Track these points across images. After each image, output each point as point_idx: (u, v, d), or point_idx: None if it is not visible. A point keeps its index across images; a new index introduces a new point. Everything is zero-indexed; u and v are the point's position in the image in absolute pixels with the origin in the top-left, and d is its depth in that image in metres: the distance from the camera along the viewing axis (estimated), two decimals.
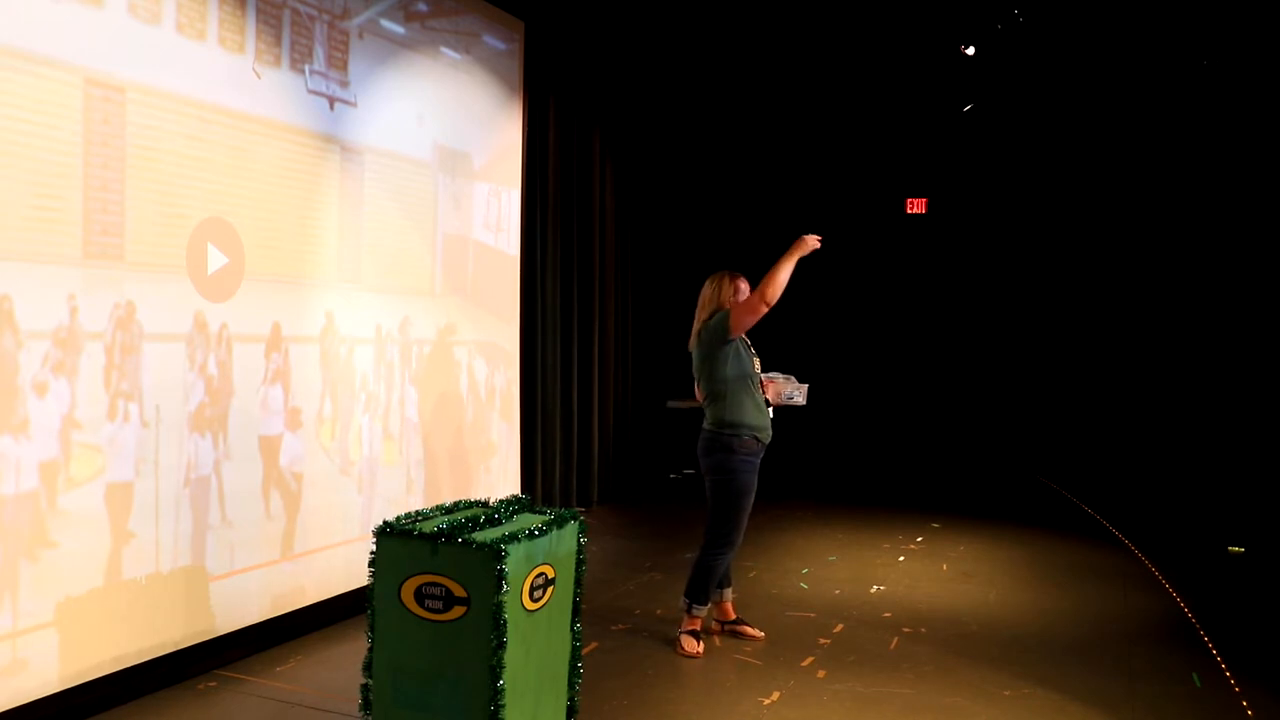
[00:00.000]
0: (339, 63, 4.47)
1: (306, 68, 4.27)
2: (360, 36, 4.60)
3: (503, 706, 2.64)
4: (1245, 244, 8.32)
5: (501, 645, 2.62)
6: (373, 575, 2.78)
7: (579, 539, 3.05)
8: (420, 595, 2.69)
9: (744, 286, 4.17)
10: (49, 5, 3.17)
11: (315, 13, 4.31)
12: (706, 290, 4.20)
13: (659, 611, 4.67)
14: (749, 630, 4.29)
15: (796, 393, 4.12)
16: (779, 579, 5.34)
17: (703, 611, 4.15)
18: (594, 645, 4.14)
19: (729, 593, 4.34)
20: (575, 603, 3.05)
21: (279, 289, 4.16)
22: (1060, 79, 8.37)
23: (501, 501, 3.03)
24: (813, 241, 4.06)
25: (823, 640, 4.32)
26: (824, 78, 8.77)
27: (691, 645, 4.08)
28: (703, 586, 4.12)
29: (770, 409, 4.14)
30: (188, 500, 3.70)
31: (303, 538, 4.29)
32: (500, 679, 2.62)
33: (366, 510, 4.67)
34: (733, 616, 4.34)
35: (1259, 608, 5.03)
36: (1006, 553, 6.09)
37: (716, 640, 4.24)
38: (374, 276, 4.76)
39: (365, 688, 2.79)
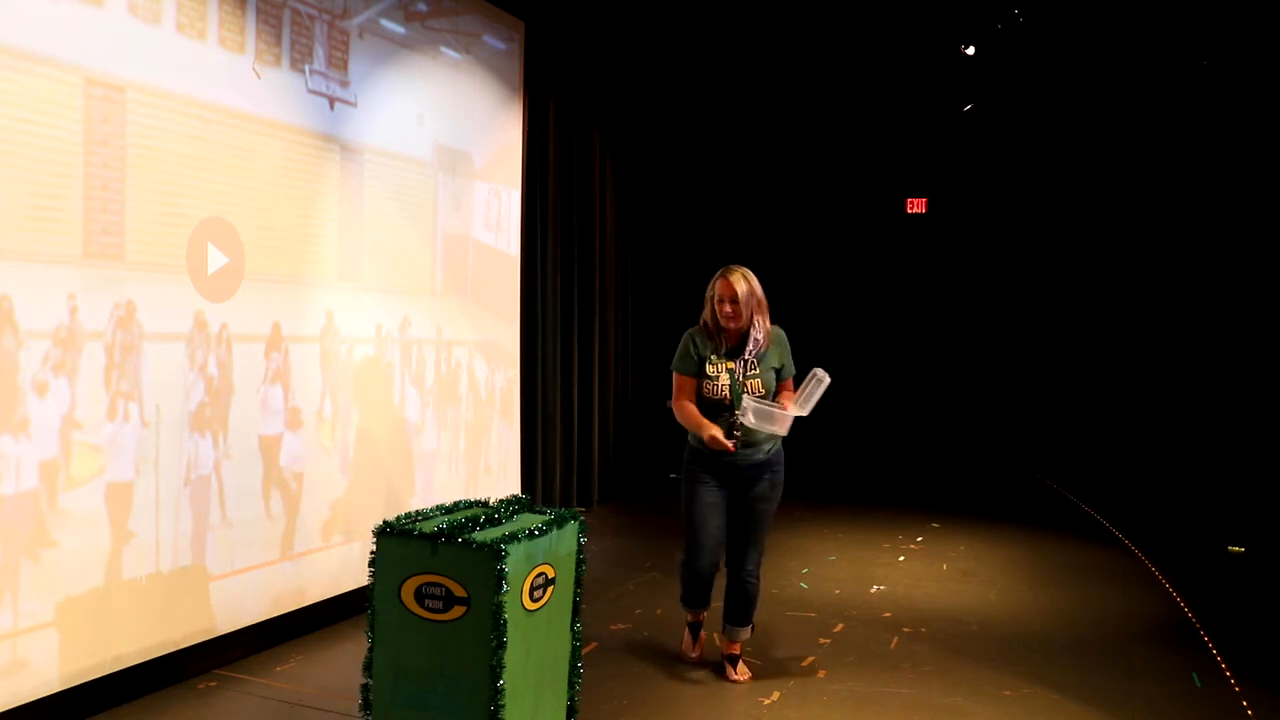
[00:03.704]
0: (339, 62, 4.47)
1: (306, 67, 4.27)
2: (360, 36, 4.60)
3: (503, 706, 2.64)
4: (1245, 244, 8.32)
5: (501, 645, 2.62)
6: (373, 575, 2.78)
7: (579, 539, 3.05)
8: (420, 595, 2.69)
9: (721, 292, 3.70)
10: (49, 5, 3.17)
11: (315, 12, 4.31)
12: None
13: (659, 611, 4.67)
14: (730, 671, 3.85)
15: (762, 416, 3.58)
16: (779, 579, 5.34)
17: (691, 613, 4.04)
18: (594, 645, 4.14)
19: (741, 631, 3.91)
20: (575, 603, 3.05)
21: (279, 289, 4.16)
22: (1060, 79, 8.37)
23: (501, 501, 3.03)
24: (716, 442, 3.61)
25: (823, 640, 4.32)
26: (824, 77, 8.78)
27: (686, 643, 4.08)
28: (683, 588, 3.98)
29: (735, 424, 3.64)
30: (188, 500, 3.70)
31: (303, 538, 4.29)
32: (500, 679, 2.62)
33: (366, 510, 4.67)
34: (735, 652, 3.92)
35: (1259, 608, 5.03)
36: (1006, 553, 6.09)
37: (716, 639, 4.23)
38: (374, 276, 4.76)
39: (365, 688, 2.79)
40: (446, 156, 5.30)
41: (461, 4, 5.39)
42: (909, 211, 9.68)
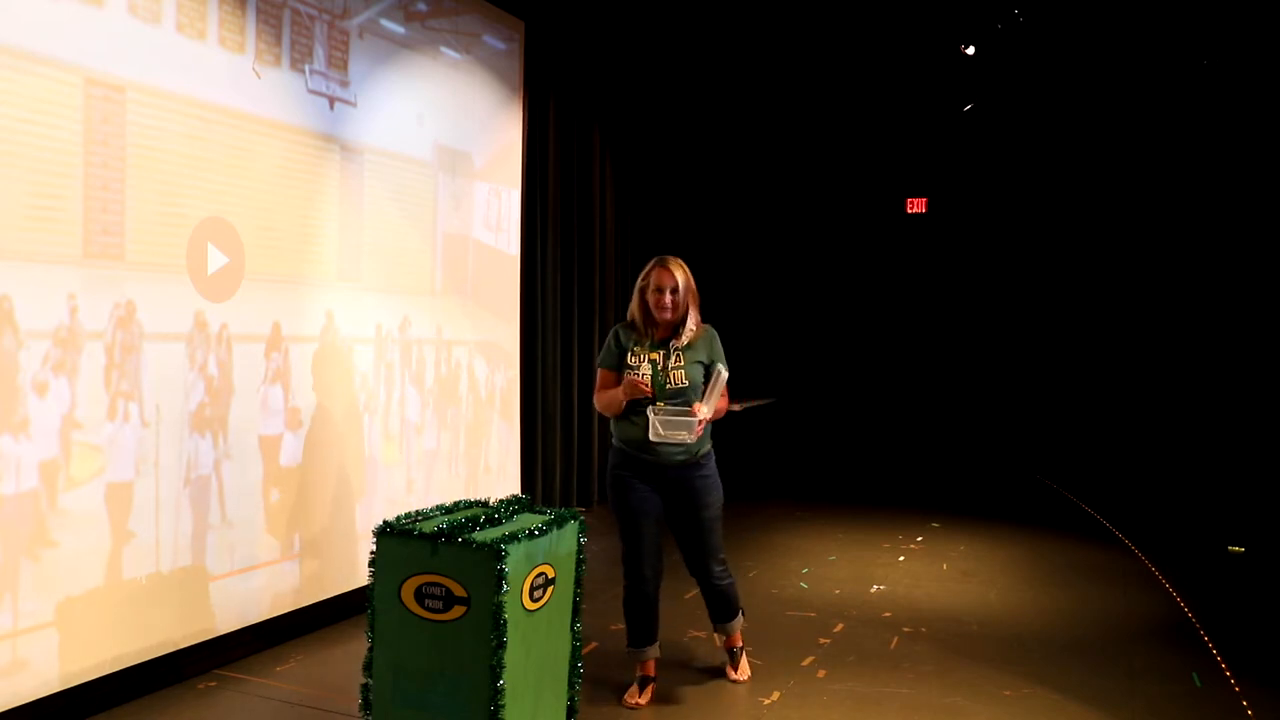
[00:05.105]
0: (339, 62, 4.47)
1: (306, 67, 4.27)
2: (360, 36, 4.60)
3: (503, 706, 2.63)
4: (1245, 244, 8.32)
5: (501, 645, 2.62)
6: (373, 575, 2.78)
7: (579, 539, 3.05)
8: (420, 595, 2.69)
9: (659, 281, 3.49)
10: (49, 5, 3.17)
11: (315, 12, 4.31)
12: None
13: None
14: (729, 671, 3.84)
15: (670, 426, 3.41)
16: (779, 579, 5.34)
17: (641, 654, 3.61)
18: (594, 645, 4.14)
19: (732, 625, 3.80)
20: (575, 603, 3.05)
21: (279, 289, 4.16)
22: (1060, 79, 8.37)
23: (501, 501, 3.03)
24: (637, 387, 3.44)
25: (823, 640, 4.32)
26: (824, 77, 8.78)
27: (631, 695, 3.57)
28: (627, 625, 3.62)
29: (654, 428, 3.42)
30: (188, 500, 3.70)
31: (302, 538, 4.29)
32: (500, 679, 2.62)
33: (367, 510, 4.67)
34: (734, 645, 3.85)
35: (1259, 608, 5.03)
36: (1006, 553, 6.09)
37: (715, 639, 4.23)
38: (374, 276, 4.76)
39: (365, 687, 2.79)
40: (446, 156, 5.30)
41: (461, 4, 5.39)
42: (909, 211, 9.69)
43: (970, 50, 7.69)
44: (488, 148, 5.67)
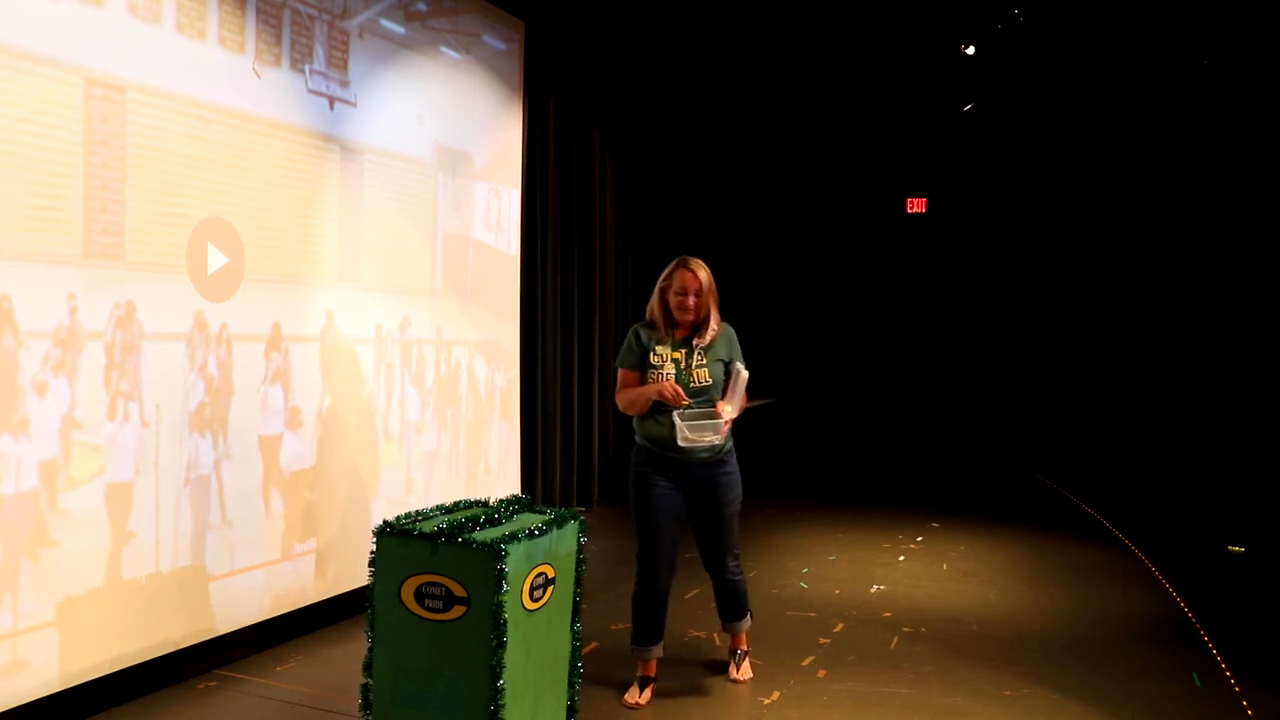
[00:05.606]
0: (339, 62, 4.47)
1: (306, 67, 4.27)
2: (360, 36, 4.60)
3: (503, 706, 2.64)
4: (1245, 244, 8.32)
5: (501, 645, 2.62)
6: (373, 575, 2.78)
7: (579, 539, 3.05)
8: (420, 595, 2.69)
9: (683, 283, 3.50)
10: (49, 5, 3.17)
11: (315, 12, 4.31)
12: None
13: None
14: (731, 671, 3.84)
15: (697, 429, 3.43)
16: (779, 579, 5.34)
17: (644, 653, 3.62)
18: (594, 645, 4.14)
19: (740, 625, 3.85)
20: (575, 602, 3.05)
21: (279, 289, 4.16)
22: (1060, 79, 8.37)
23: (501, 501, 3.03)
24: (668, 392, 3.43)
25: (823, 640, 4.32)
26: (824, 77, 8.78)
27: (632, 695, 3.57)
28: (634, 622, 3.63)
29: (681, 428, 3.41)
30: (188, 500, 3.70)
31: (303, 538, 4.28)
32: (500, 679, 2.62)
33: (367, 510, 4.67)
34: (739, 647, 3.89)
35: (1259, 608, 5.03)
36: (1006, 552, 6.09)
37: (715, 639, 4.24)
38: (374, 276, 4.76)
39: (365, 687, 2.79)
40: (446, 156, 5.30)
41: (461, 4, 5.39)
42: (909, 211, 9.69)
43: (970, 50, 7.69)
44: (488, 148, 5.67)
